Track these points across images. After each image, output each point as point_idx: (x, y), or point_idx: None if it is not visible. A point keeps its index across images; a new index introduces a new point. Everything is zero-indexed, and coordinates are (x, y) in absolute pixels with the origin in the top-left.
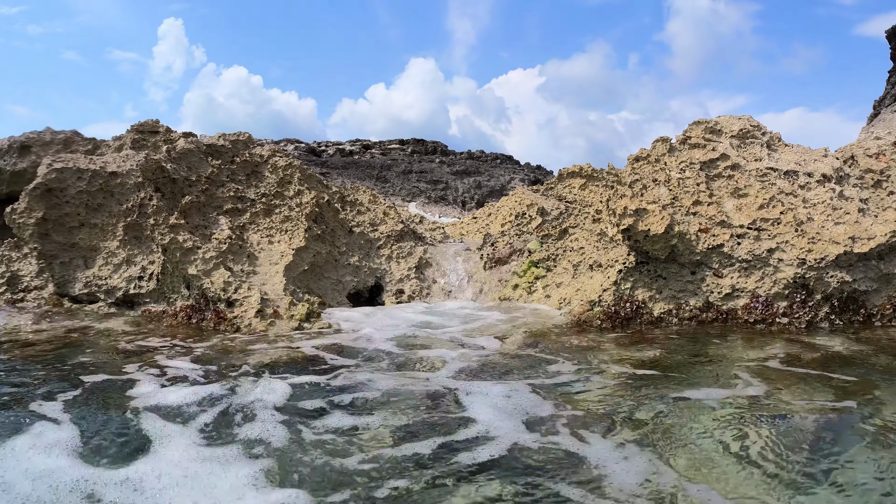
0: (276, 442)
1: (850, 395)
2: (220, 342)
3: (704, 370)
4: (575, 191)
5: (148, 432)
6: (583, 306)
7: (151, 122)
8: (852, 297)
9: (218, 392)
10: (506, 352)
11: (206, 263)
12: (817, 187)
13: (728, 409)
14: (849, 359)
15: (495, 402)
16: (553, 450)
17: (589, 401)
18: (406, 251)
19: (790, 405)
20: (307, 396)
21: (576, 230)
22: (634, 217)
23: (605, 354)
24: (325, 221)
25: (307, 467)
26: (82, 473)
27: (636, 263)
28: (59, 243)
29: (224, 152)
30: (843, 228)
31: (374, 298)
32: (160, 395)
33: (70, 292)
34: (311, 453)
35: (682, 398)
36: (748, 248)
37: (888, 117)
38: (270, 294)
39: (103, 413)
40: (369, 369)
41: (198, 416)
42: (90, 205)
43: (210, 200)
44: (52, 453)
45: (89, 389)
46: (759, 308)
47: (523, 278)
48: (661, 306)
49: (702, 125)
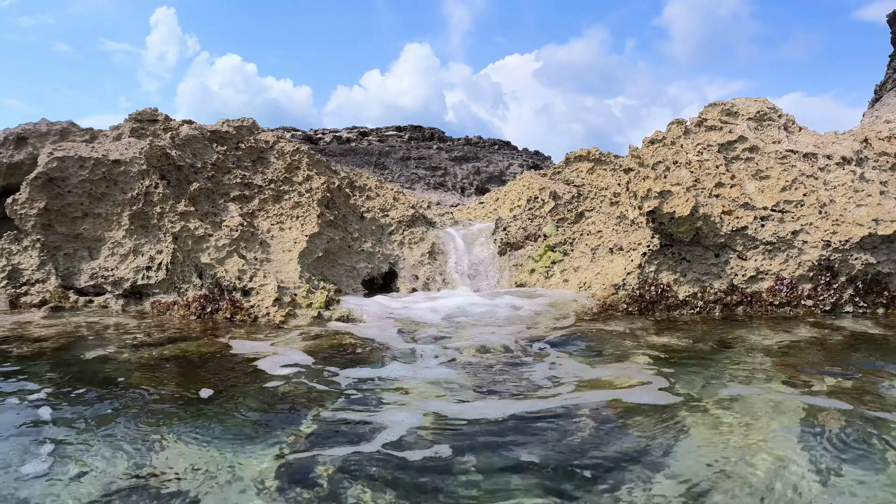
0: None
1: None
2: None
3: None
4: (583, 174)
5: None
6: (606, 290)
7: (150, 110)
8: (876, 280)
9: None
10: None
11: (220, 251)
12: (837, 169)
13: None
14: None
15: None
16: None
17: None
18: (418, 237)
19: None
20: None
21: (592, 213)
22: (659, 199)
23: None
24: (336, 207)
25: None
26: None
27: (660, 246)
28: (62, 234)
29: (228, 138)
30: (865, 210)
31: (388, 285)
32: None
33: (75, 284)
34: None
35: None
36: (772, 231)
37: (892, 101)
38: (286, 281)
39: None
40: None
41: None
42: (93, 194)
43: (217, 187)
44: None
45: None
46: (783, 291)
47: (539, 262)
48: (686, 289)
49: (718, 107)
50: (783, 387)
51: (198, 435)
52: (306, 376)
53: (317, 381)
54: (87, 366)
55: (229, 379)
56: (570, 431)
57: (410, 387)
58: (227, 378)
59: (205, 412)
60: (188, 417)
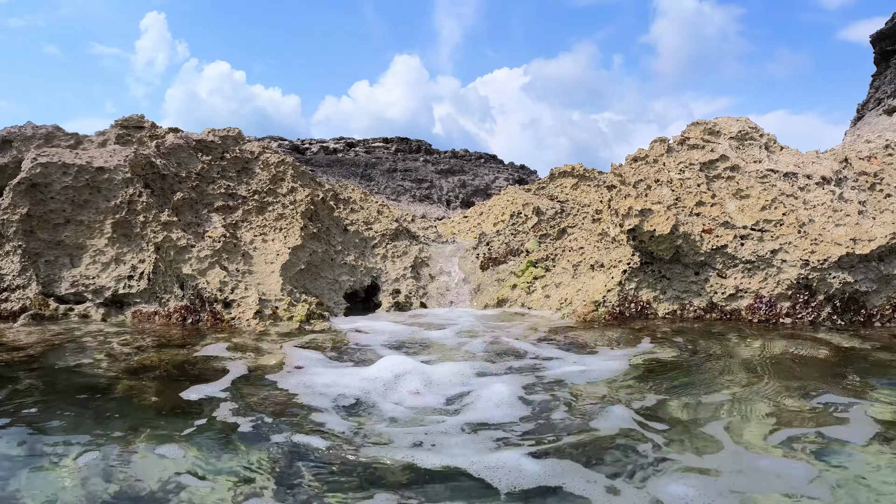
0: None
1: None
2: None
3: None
4: (567, 190)
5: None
6: (587, 307)
7: (136, 117)
8: (853, 298)
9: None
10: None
11: (202, 262)
12: (816, 189)
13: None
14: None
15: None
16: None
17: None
18: (401, 250)
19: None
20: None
21: (574, 230)
22: (640, 217)
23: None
24: (320, 219)
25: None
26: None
27: (640, 264)
28: (44, 241)
29: (214, 148)
30: (844, 230)
31: (370, 298)
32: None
33: (56, 292)
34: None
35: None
36: (752, 249)
37: (873, 120)
38: (268, 294)
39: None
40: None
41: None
42: (76, 201)
43: (201, 197)
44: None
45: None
46: (762, 308)
47: (521, 278)
48: (666, 307)
49: (700, 126)
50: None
51: (175, 447)
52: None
53: (296, 393)
54: (66, 375)
55: (206, 390)
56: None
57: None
58: (203, 390)
59: (181, 425)
60: (166, 429)
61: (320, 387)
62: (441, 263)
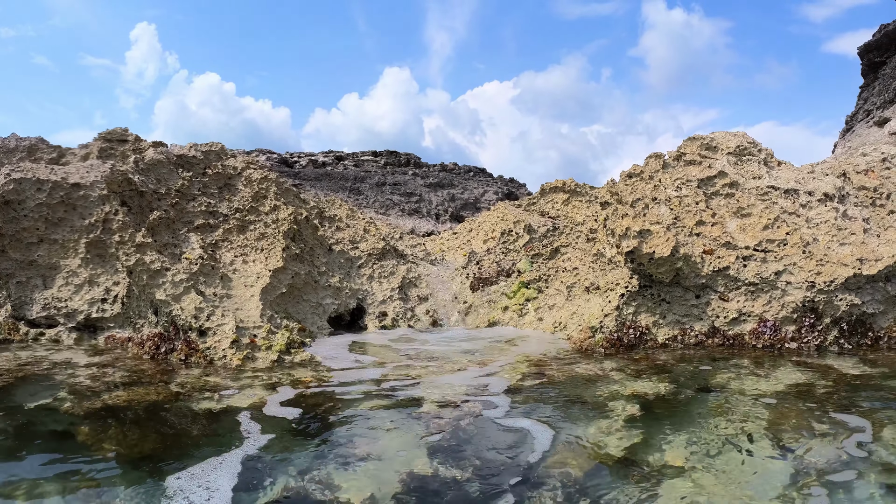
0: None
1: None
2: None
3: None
4: (558, 206)
5: None
6: (583, 333)
7: (120, 130)
8: (860, 320)
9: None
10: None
11: (176, 287)
12: (819, 206)
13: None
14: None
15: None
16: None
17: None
18: (388, 270)
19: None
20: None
21: (568, 249)
22: (638, 238)
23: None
24: (303, 239)
25: None
26: None
27: (639, 287)
28: (15, 261)
29: (195, 164)
30: (849, 249)
31: (356, 322)
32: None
33: (27, 315)
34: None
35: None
36: (755, 271)
37: (863, 132)
38: (246, 321)
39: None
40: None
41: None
42: (50, 219)
43: (180, 215)
44: None
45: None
46: (767, 333)
47: (513, 300)
48: (666, 332)
49: (697, 141)
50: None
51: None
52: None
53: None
54: (28, 415)
55: (174, 436)
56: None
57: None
58: (171, 436)
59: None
60: (129, 482)
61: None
62: (430, 284)
